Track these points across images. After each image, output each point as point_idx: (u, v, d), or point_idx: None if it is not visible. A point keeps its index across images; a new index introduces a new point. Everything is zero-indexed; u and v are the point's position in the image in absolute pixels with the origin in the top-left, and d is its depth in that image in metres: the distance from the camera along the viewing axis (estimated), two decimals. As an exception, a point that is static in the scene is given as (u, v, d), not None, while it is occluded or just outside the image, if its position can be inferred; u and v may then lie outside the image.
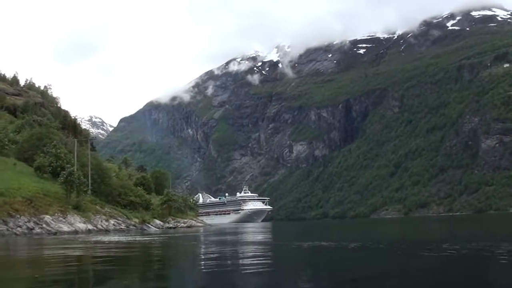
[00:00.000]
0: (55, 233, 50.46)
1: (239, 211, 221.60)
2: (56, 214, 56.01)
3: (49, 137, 78.62)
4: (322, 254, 19.53)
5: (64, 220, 56.02)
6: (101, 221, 63.18)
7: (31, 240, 39.47)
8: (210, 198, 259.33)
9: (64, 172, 63.64)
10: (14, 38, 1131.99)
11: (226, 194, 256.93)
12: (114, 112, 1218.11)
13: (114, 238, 40.92)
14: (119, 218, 69.48)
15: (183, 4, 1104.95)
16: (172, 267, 18.37)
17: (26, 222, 49.88)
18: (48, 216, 54.06)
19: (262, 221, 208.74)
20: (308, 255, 19.80)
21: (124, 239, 38.26)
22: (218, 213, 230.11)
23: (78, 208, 61.96)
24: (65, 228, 53.88)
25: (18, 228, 48.26)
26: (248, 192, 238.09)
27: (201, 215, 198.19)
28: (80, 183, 64.86)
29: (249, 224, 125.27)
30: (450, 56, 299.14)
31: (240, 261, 18.57)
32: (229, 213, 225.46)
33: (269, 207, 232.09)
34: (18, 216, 50.25)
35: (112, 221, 65.73)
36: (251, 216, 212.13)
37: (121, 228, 64.62)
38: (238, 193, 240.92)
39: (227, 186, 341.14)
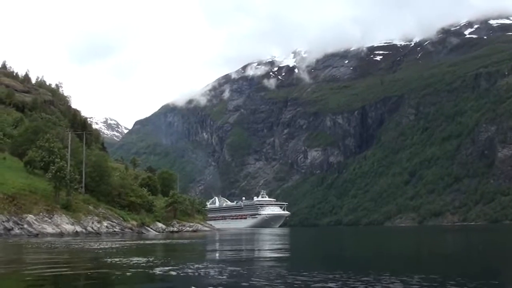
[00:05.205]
0: (36, 235, 46.55)
1: (256, 216, 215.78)
2: (41, 213, 52.05)
3: (45, 131, 74.35)
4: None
5: (49, 220, 52.02)
6: (92, 223, 58.87)
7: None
8: (227, 202, 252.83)
9: (53, 167, 58.81)
10: (32, 38, 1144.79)
11: (243, 198, 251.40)
12: (130, 114, 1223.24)
13: (76, 243, 33.11)
14: (114, 220, 65.15)
15: (201, 7, 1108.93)
16: None
17: (4, 221, 46.00)
18: (31, 215, 50.18)
19: (279, 226, 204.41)
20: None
21: (78, 246, 30.07)
22: (235, 217, 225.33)
23: (67, 208, 57.83)
24: (50, 229, 49.91)
25: (-6, 228, 44.20)
26: (265, 197, 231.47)
27: (217, 219, 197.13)
28: (71, 179, 60.43)
29: (266, 230, 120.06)
30: (467, 64, 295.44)
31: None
32: (245, 218, 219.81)
33: (287, 212, 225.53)
34: (-4, 214, 46.28)
35: (105, 223, 61.41)
36: (269, 222, 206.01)
37: (115, 231, 60.28)
38: (255, 198, 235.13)
39: (241, 190, 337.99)
